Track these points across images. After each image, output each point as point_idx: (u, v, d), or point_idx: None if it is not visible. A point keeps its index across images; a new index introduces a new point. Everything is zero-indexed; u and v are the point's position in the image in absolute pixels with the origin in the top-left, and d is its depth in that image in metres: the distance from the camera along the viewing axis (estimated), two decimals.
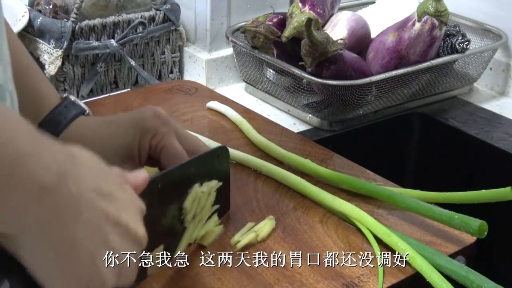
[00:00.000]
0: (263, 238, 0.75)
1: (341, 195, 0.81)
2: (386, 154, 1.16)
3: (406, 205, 0.78)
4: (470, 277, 0.68)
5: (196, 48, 1.26)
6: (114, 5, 1.18)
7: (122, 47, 1.17)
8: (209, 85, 1.22)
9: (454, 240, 0.76)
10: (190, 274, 0.70)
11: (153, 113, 0.70)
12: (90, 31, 1.14)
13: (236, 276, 0.70)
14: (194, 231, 0.71)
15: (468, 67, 1.20)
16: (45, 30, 1.11)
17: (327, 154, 0.93)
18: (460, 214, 0.74)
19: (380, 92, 1.10)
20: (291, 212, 0.81)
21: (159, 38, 1.22)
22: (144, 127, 0.69)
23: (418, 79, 1.13)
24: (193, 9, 1.25)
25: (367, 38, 1.14)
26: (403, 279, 0.71)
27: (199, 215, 0.71)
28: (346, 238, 0.76)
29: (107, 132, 0.70)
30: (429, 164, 1.19)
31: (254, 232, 0.74)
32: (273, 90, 1.16)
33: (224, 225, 0.77)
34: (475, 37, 1.23)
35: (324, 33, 1.00)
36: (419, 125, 1.17)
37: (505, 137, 1.09)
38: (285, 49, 1.09)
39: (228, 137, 0.97)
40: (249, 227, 0.76)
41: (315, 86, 1.06)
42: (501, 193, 0.74)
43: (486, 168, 1.09)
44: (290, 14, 1.09)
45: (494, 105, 1.20)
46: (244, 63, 1.18)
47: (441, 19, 1.08)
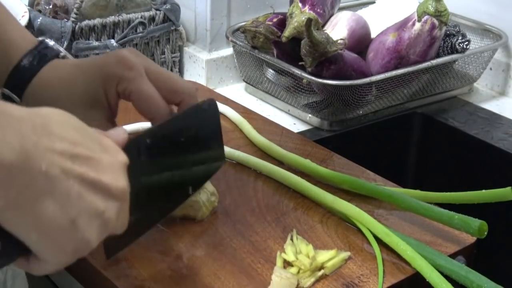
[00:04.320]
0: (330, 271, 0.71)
1: (341, 195, 0.81)
2: (386, 154, 1.16)
3: (406, 205, 0.78)
4: (470, 277, 0.68)
5: (196, 48, 1.26)
6: (114, 5, 1.18)
7: (122, 47, 1.17)
8: (209, 85, 1.22)
9: (454, 240, 0.76)
10: (190, 274, 0.70)
11: (117, 59, 0.66)
12: (90, 31, 1.14)
13: (236, 276, 0.70)
14: None
15: (468, 67, 1.20)
16: (45, 30, 1.11)
17: (327, 154, 0.93)
18: (460, 214, 0.74)
19: (380, 92, 1.10)
20: (291, 212, 0.81)
21: (159, 38, 1.22)
22: (107, 74, 0.66)
23: (418, 79, 1.13)
24: (193, 9, 1.25)
25: (367, 38, 1.14)
26: (403, 279, 0.71)
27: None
28: (346, 238, 0.76)
29: (72, 78, 0.67)
30: (429, 164, 1.19)
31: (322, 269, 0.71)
32: (273, 90, 1.16)
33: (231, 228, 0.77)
34: (475, 37, 1.23)
35: (324, 33, 1.00)
36: (419, 125, 1.17)
37: (505, 137, 1.09)
38: (285, 49, 1.09)
39: (228, 137, 0.97)
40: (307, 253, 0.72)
41: (315, 86, 1.06)
42: (501, 193, 0.74)
43: (486, 168, 1.09)
44: (290, 14, 1.09)
45: (494, 105, 1.20)
46: (244, 63, 1.18)
47: (441, 19, 1.08)
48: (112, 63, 0.66)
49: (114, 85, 0.66)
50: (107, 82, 0.66)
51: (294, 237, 0.75)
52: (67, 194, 0.46)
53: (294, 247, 0.72)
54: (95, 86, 0.66)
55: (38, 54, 0.68)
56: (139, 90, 0.65)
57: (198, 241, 0.75)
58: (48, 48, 0.69)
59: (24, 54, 0.68)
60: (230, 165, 0.90)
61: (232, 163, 0.90)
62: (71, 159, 0.46)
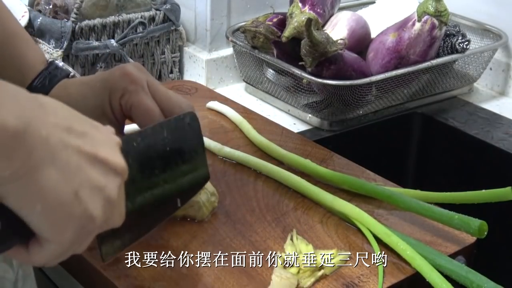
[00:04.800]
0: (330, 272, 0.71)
1: (341, 195, 0.81)
2: (386, 154, 1.16)
3: (406, 205, 0.78)
4: (470, 277, 0.68)
5: (196, 48, 1.26)
6: (114, 5, 1.18)
7: (122, 47, 1.17)
8: (209, 85, 1.22)
9: (454, 240, 0.76)
10: (190, 274, 0.70)
11: (122, 72, 0.70)
12: (90, 31, 1.14)
13: (236, 276, 0.70)
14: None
15: (468, 67, 1.20)
16: (45, 30, 1.11)
17: (327, 154, 0.93)
18: (460, 214, 0.74)
19: (380, 92, 1.10)
20: (291, 212, 0.81)
21: (159, 38, 1.22)
22: (112, 87, 0.69)
23: (418, 79, 1.13)
24: (193, 9, 1.25)
25: (367, 38, 1.14)
26: (403, 279, 0.71)
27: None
28: (346, 238, 0.76)
29: (81, 94, 0.71)
30: (429, 164, 1.19)
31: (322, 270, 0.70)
32: (273, 90, 1.16)
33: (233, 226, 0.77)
34: (475, 37, 1.23)
35: (324, 33, 1.00)
36: (419, 125, 1.17)
37: (505, 137, 1.09)
38: (285, 49, 1.09)
39: (228, 137, 0.97)
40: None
41: (315, 86, 1.06)
42: (501, 193, 0.74)
43: (486, 168, 1.09)
44: (290, 14, 1.09)
45: (494, 105, 1.20)
46: (244, 63, 1.18)
47: (441, 19, 1.08)
48: (116, 76, 0.70)
49: (118, 98, 0.69)
50: (112, 95, 0.69)
51: (294, 237, 0.75)
52: (67, 163, 0.46)
53: (294, 247, 0.72)
54: (101, 100, 0.70)
55: (49, 75, 0.73)
56: (140, 103, 0.68)
57: (198, 241, 0.75)
58: (58, 69, 0.74)
59: (36, 75, 0.73)
60: (230, 165, 0.90)
61: (232, 163, 0.90)
62: (67, 131, 0.47)
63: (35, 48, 0.76)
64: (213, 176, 0.85)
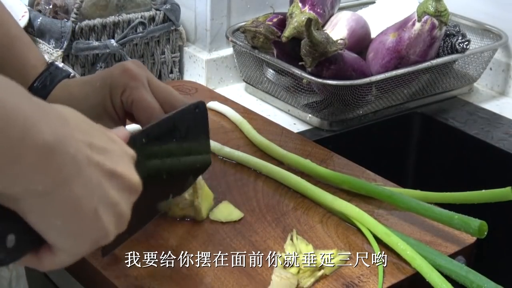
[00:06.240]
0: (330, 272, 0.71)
1: (341, 195, 0.81)
2: (386, 154, 1.16)
3: (406, 205, 0.78)
4: (470, 277, 0.68)
5: (196, 48, 1.26)
6: (114, 5, 1.18)
7: (122, 47, 1.17)
8: (209, 85, 1.22)
9: (454, 240, 0.76)
10: (190, 274, 0.70)
11: (122, 69, 0.71)
12: (90, 31, 1.14)
13: (236, 276, 0.70)
14: None
15: (468, 67, 1.20)
16: (45, 30, 1.11)
17: (327, 154, 0.93)
18: (460, 214, 0.74)
19: (380, 92, 1.10)
20: (291, 212, 0.81)
21: (159, 38, 1.22)
22: (112, 84, 0.70)
23: (418, 79, 1.13)
24: (193, 9, 1.25)
25: (367, 38, 1.14)
26: (403, 279, 0.71)
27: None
28: (346, 238, 0.76)
29: (82, 93, 0.72)
30: (429, 164, 1.19)
31: (321, 270, 0.70)
32: (273, 90, 1.16)
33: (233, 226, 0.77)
34: (475, 37, 1.23)
35: (324, 33, 1.00)
36: (419, 125, 1.17)
37: (505, 137, 1.09)
38: (285, 49, 1.09)
39: (228, 137, 0.97)
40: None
41: (315, 86, 1.06)
42: (501, 193, 0.74)
43: (486, 168, 1.09)
44: (290, 14, 1.09)
45: (494, 105, 1.20)
46: (244, 63, 1.18)
47: (441, 19, 1.08)
48: (116, 73, 0.71)
49: (119, 95, 0.70)
50: (113, 92, 0.70)
51: (294, 237, 0.75)
52: (90, 180, 0.47)
53: (294, 247, 0.72)
54: (103, 98, 0.71)
55: (49, 76, 0.74)
56: (141, 99, 0.69)
57: (198, 241, 0.75)
58: (58, 69, 0.75)
59: (37, 77, 0.74)
60: (230, 165, 0.90)
61: (232, 163, 0.90)
62: (89, 146, 0.48)
63: (35, 50, 0.77)
64: (213, 176, 0.85)
